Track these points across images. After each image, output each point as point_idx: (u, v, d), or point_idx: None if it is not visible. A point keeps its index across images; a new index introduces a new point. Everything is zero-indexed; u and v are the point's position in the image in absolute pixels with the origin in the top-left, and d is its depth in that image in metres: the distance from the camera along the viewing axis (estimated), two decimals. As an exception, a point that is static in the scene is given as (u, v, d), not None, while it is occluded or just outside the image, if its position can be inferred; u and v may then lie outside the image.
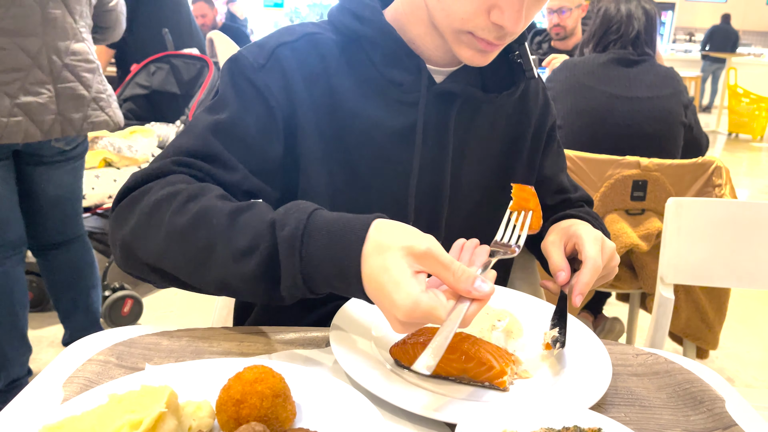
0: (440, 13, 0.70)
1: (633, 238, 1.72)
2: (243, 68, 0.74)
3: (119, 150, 2.34)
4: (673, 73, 1.90)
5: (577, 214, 0.89)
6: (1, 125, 1.54)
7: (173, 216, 0.62)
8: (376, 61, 0.76)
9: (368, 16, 0.75)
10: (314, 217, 0.58)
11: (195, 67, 2.82)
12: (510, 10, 0.66)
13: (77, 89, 1.68)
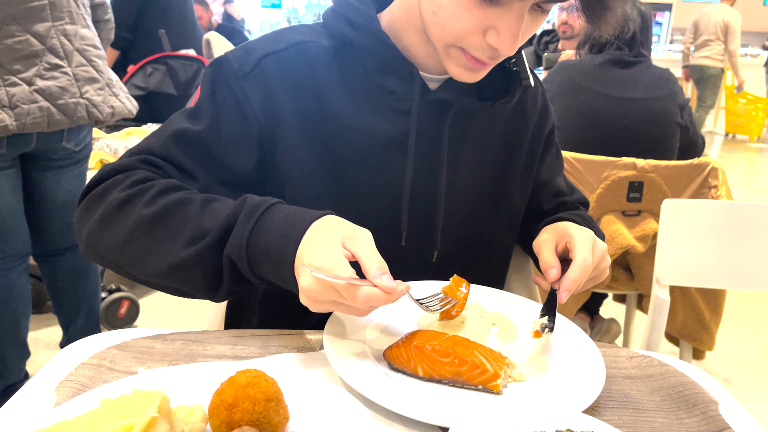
0: (434, 27, 0.69)
1: (629, 240, 1.73)
2: (226, 74, 0.74)
3: (115, 151, 2.34)
4: (669, 74, 1.90)
5: (570, 217, 0.89)
6: (23, 112, 1.50)
7: (142, 208, 0.66)
8: (369, 69, 0.75)
9: (361, 22, 0.73)
10: (281, 204, 0.66)
11: (191, 68, 2.82)
12: (507, 33, 0.65)
13: (91, 72, 1.66)
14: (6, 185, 1.62)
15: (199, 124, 0.73)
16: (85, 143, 1.79)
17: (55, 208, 1.80)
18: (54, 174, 1.74)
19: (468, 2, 0.64)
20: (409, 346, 0.62)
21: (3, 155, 1.57)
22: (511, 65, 0.80)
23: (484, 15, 0.65)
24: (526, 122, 0.87)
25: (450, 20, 0.66)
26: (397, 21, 0.76)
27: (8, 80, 1.50)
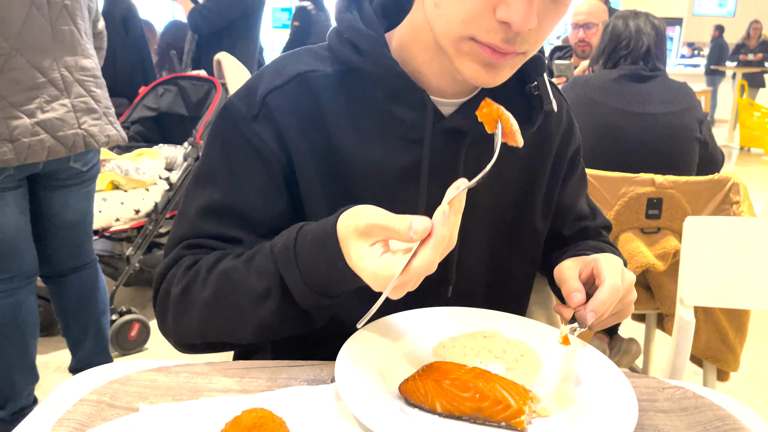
0: (440, 21, 0.63)
1: (649, 258, 1.68)
2: (236, 121, 0.71)
3: (126, 172, 2.33)
4: (687, 87, 1.87)
5: (595, 246, 0.85)
6: (24, 146, 1.52)
7: (199, 292, 0.66)
8: (378, 97, 0.70)
9: (367, 48, 0.69)
10: (301, 230, 0.62)
11: (203, 89, 2.82)
12: (518, 3, 0.58)
13: (90, 103, 1.67)
14: (13, 205, 1.61)
15: (219, 189, 0.71)
16: (93, 163, 1.78)
17: (63, 227, 1.79)
18: (62, 194, 1.74)
19: None
20: (426, 380, 0.58)
21: (10, 176, 1.56)
22: (532, 89, 0.74)
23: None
24: (549, 145, 0.82)
25: (454, 5, 0.61)
26: (406, 40, 0.72)
27: (10, 113, 1.50)
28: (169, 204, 2.44)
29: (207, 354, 0.76)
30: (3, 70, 1.49)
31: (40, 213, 1.74)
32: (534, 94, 0.74)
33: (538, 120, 0.75)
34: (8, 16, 1.48)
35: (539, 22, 0.60)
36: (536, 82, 0.74)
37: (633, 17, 1.89)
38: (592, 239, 0.92)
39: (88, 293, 1.91)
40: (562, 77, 2.53)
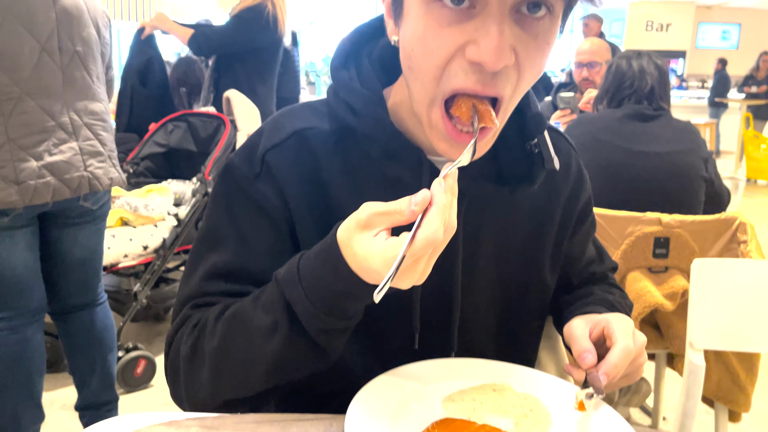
0: (415, 84, 0.61)
1: (657, 298, 1.67)
2: (238, 181, 0.71)
3: (136, 209, 2.35)
4: (691, 127, 1.89)
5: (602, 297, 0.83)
6: (29, 188, 1.54)
7: (209, 343, 0.66)
8: (373, 156, 0.69)
9: (362, 108, 0.68)
10: (305, 253, 0.62)
11: (212, 125, 2.86)
12: (486, 39, 0.55)
13: (96, 146, 1.70)
14: (22, 243, 1.63)
15: (225, 251, 0.71)
16: (104, 201, 1.81)
17: (72, 265, 1.80)
18: (71, 231, 1.76)
19: (436, 23, 0.57)
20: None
21: (20, 215, 1.59)
22: (532, 147, 0.72)
23: (458, 31, 0.57)
24: (557, 197, 0.80)
25: (424, 60, 0.59)
26: (401, 98, 0.71)
27: (18, 156, 1.53)
28: (177, 240, 2.46)
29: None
30: (13, 113, 1.52)
31: (49, 250, 1.75)
32: (534, 151, 0.72)
33: (539, 178, 0.73)
34: (19, 61, 1.52)
35: (521, 61, 0.58)
36: (536, 139, 0.72)
37: (636, 57, 1.92)
38: (599, 283, 0.91)
39: (96, 331, 1.91)
40: (566, 109, 2.56)
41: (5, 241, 1.59)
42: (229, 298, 0.70)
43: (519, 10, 0.56)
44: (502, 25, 0.55)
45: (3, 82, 1.50)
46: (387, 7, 0.65)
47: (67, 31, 1.61)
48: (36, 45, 1.54)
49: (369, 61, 0.72)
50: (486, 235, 0.76)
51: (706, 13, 11.92)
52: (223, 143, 2.74)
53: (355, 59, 0.73)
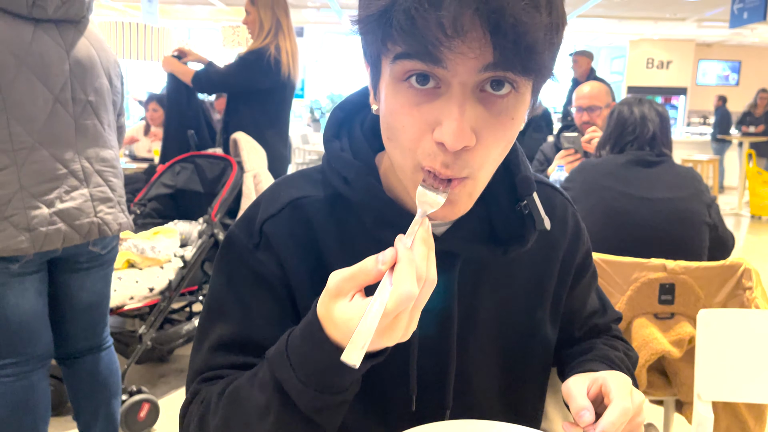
0: (395, 157, 0.63)
1: (664, 345, 1.67)
2: (239, 252, 0.73)
3: (142, 251, 2.37)
4: (693, 172, 1.90)
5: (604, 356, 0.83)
6: (41, 235, 1.57)
7: (212, 420, 0.67)
8: (366, 222, 0.71)
9: (353, 178, 0.70)
10: (293, 330, 0.63)
11: (219, 167, 2.90)
12: (448, 120, 0.56)
13: (106, 192, 1.73)
14: (31, 289, 1.64)
15: (229, 322, 0.72)
16: (112, 246, 1.83)
17: (80, 309, 1.81)
18: (80, 276, 1.77)
19: (407, 102, 0.59)
20: None
21: (30, 261, 1.60)
22: (522, 208, 0.73)
23: (427, 111, 0.58)
24: (555, 252, 0.81)
25: (399, 134, 0.60)
26: (389, 164, 0.72)
27: (30, 203, 1.55)
28: (183, 281, 2.47)
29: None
30: (26, 162, 1.55)
31: (57, 295, 1.76)
32: (525, 212, 0.73)
33: (530, 239, 0.73)
34: (33, 112, 1.55)
35: (484, 138, 0.59)
36: (526, 201, 0.72)
37: (637, 104, 1.95)
38: (602, 335, 0.91)
39: (101, 376, 1.91)
40: (570, 149, 2.58)
41: (15, 288, 1.60)
42: (235, 371, 0.71)
43: (483, 88, 0.58)
44: (463, 106, 0.56)
45: (17, 132, 1.53)
46: (369, 81, 0.68)
47: (81, 81, 1.65)
48: (50, 96, 1.58)
49: (361, 130, 0.74)
50: (485, 294, 0.76)
51: (706, 51, 12.10)
52: (230, 184, 2.77)
53: (347, 128, 0.75)
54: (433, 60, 0.55)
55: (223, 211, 2.70)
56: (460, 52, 0.54)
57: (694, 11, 9.17)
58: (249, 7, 2.95)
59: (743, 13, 7.05)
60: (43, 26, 1.58)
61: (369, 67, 0.65)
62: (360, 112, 0.76)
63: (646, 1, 8.66)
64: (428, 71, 0.57)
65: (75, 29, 1.66)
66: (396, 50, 0.57)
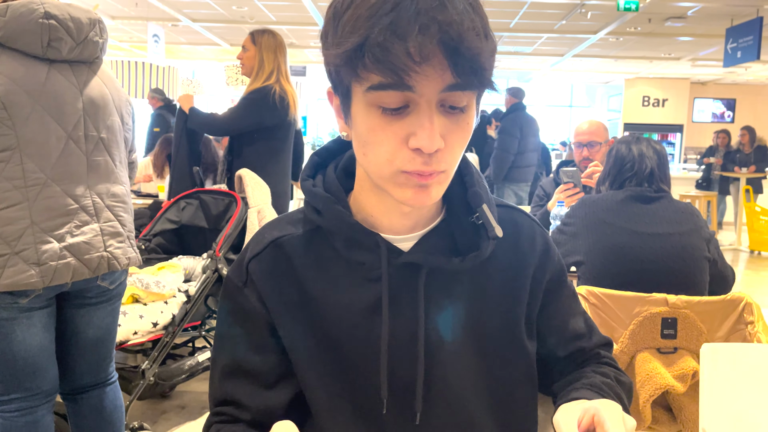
0: (372, 168, 0.72)
1: (668, 379, 1.67)
2: (231, 291, 0.84)
3: (147, 286, 2.38)
4: (692, 208, 1.94)
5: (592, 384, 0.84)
6: (50, 270, 1.59)
7: None
8: (338, 247, 0.80)
9: (323, 208, 0.79)
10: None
11: (223, 203, 2.93)
12: (421, 131, 0.67)
13: (116, 227, 1.76)
14: (39, 324, 1.65)
15: (228, 352, 0.84)
16: (121, 281, 1.84)
17: (86, 345, 1.82)
18: (87, 311, 1.78)
19: (381, 122, 0.69)
20: None
21: (39, 296, 1.61)
22: (476, 219, 0.81)
23: (400, 127, 0.68)
24: (527, 268, 0.86)
25: (376, 149, 0.70)
26: (358, 191, 0.82)
27: (41, 239, 1.58)
28: (186, 316, 2.47)
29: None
30: (38, 198, 1.58)
31: (65, 330, 1.77)
32: (478, 223, 0.80)
33: (484, 248, 0.80)
34: (46, 149, 1.59)
35: (447, 143, 0.70)
36: (477, 212, 0.80)
37: (635, 142, 1.99)
38: (591, 361, 0.92)
39: (106, 411, 1.90)
40: (569, 183, 2.63)
41: (22, 323, 1.61)
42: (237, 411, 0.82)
43: (444, 105, 0.69)
44: (431, 118, 0.67)
45: (29, 169, 1.56)
46: (335, 108, 0.77)
47: (93, 119, 1.69)
48: (63, 134, 1.62)
49: (335, 172, 0.84)
50: (456, 305, 0.81)
51: (701, 89, 12.31)
52: (234, 220, 2.80)
53: (323, 171, 0.86)
54: (404, 87, 0.65)
55: (227, 247, 2.72)
56: (426, 75, 0.64)
57: (688, 51, 9.37)
58: (248, 45, 3.05)
59: (737, 53, 7.22)
60: (57, 66, 1.63)
61: (337, 98, 0.74)
62: (335, 157, 0.87)
63: (640, 41, 8.86)
64: (400, 101, 0.67)
65: (89, 69, 1.71)
66: (370, 81, 0.66)
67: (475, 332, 0.82)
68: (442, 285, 0.81)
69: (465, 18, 0.63)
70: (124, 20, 8.45)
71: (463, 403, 0.82)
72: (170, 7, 7.71)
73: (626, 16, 7.25)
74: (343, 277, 0.80)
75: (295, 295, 0.80)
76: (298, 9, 7.60)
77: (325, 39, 0.70)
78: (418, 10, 0.62)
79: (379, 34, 0.62)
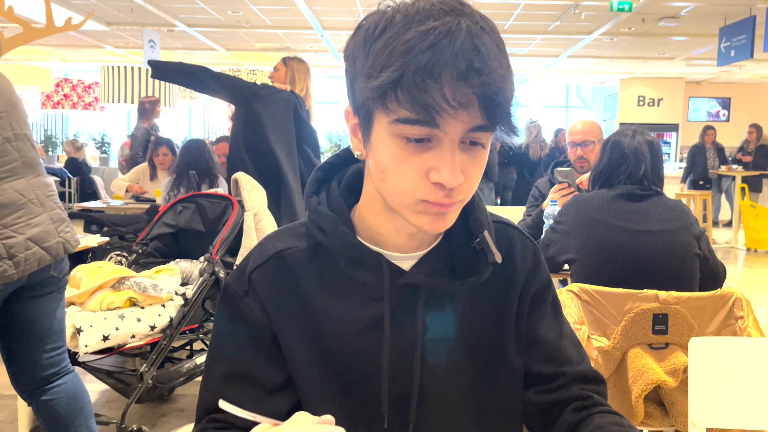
0: (388, 193, 0.73)
1: (659, 374, 1.69)
2: (232, 300, 0.84)
3: (144, 289, 2.40)
4: (682, 205, 1.96)
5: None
6: (21, 261, 1.70)
7: None
8: (341, 266, 0.81)
9: (328, 228, 0.81)
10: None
11: (220, 206, 2.95)
12: (444, 167, 0.68)
13: (60, 214, 1.88)
14: None
15: (227, 358, 0.84)
16: (66, 269, 1.94)
17: (43, 336, 1.88)
18: (41, 302, 1.86)
19: (403, 153, 0.70)
20: None
21: None
22: (476, 245, 0.82)
23: (422, 161, 0.69)
24: (515, 283, 0.88)
25: (396, 178, 0.71)
26: (364, 209, 0.82)
27: (4, 234, 1.70)
28: (184, 319, 2.49)
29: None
30: None
31: (21, 325, 1.83)
32: (479, 249, 0.82)
33: (483, 273, 0.82)
34: None
35: (466, 176, 0.71)
36: (479, 238, 0.82)
37: (630, 137, 2.00)
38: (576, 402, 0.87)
39: (74, 399, 1.94)
40: (564, 182, 2.65)
41: None
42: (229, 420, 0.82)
43: (464, 142, 0.71)
44: (453, 156, 0.69)
45: None
46: (352, 127, 0.78)
47: (15, 119, 1.80)
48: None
49: (338, 188, 0.85)
50: (451, 324, 0.83)
51: (696, 89, 12.35)
52: (231, 223, 2.82)
53: (327, 186, 0.86)
54: (432, 125, 0.66)
55: (224, 250, 2.74)
56: (456, 118, 0.66)
57: (682, 50, 9.41)
58: (280, 66, 3.48)
59: (730, 51, 7.25)
60: None
61: (356, 118, 0.75)
62: (338, 173, 0.89)
63: (634, 42, 8.90)
64: (426, 134, 0.68)
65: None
66: (398, 114, 0.67)
67: (467, 349, 0.84)
68: (438, 303, 0.83)
69: (497, 65, 0.65)
70: (120, 26, 8.47)
71: (454, 415, 0.84)
72: (166, 12, 7.73)
73: (620, 16, 7.28)
74: (345, 293, 0.81)
75: (297, 307, 0.82)
76: (293, 13, 7.62)
77: (353, 61, 0.71)
78: (455, 53, 0.63)
79: (416, 74, 0.63)
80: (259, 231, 2.92)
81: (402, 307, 0.81)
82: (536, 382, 0.89)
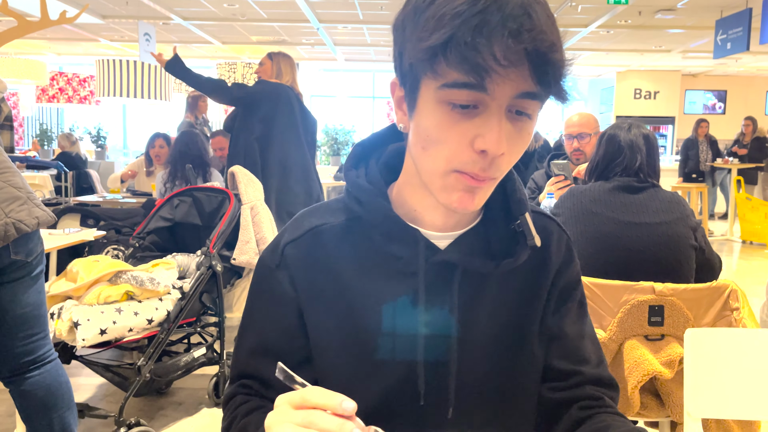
0: (427, 161, 0.72)
1: (655, 365, 1.70)
2: (264, 272, 0.85)
3: (142, 283, 2.40)
4: (678, 197, 1.96)
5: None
6: None
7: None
8: (376, 239, 0.80)
9: (365, 199, 0.80)
10: None
11: (216, 200, 2.95)
12: (490, 134, 0.68)
13: (11, 192, 1.75)
14: None
15: (256, 331, 0.85)
16: (37, 253, 1.84)
17: (15, 324, 1.81)
18: (10, 288, 1.78)
19: (449, 120, 0.69)
20: None
21: None
22: (516, 227, 0.81)
23: (467, 128, 0.68)
24: (547, 273, 0.86)
25: (439, 145, 0.70)
26: (402, 186, 0.82)
27: None
28: (181, 312, 2.49)
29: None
30: None
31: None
32: (518, 230, 0.81)
33: (521, 255, 0.80)
34: None
35: (509, 150, 0.70)
36: (519, 220, 0.81)
37: (626, 130, 2.01)
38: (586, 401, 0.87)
39: (51, 389, 1.90)
40: (560, 175, 2.65)
41: None
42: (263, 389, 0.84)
43: (511, 111, 0.69)
44: (500, 122, 0.68)
45: None
46: (397, 100, 0.78)
47: None
48: None
49: (377, 164, 0.85)
50: (482, 305, 0.82)
51: (692, 81, 12.36)
52: (228, 216, 2.82)
53: (365, 162, 0.86)
54: (480, 88, 0.65)
55: (220, 243, 2.74)
56: (506, 79, 0.65)
57: (678, 43, 9.41)
58: (265, 61, 3.64)
59: (726, 44, 7.25)
60: None
61: (402, 89, 0.75)
62: (377, 150, 0.88)
63: (631, 34, 8.89)
64: (473, 100, 0.67)
65: None
66: (446, 78, 0.66)
67: (492, 331, 0.84)
68: (472, 284, 0.82)
69: (549, 30, 0.65)
70: (115, 19, 8.43)
71: (490, 394, 0.84)
72: (161, 5, 7.69)
73: (616, 9, 7.28)
74: (378, 269, 0.80)
75: (327, 283, 0.81)
76: (289, 6, 7.59)
77: (402, 31, 0.71)
78: (505, 16, 0.63)
79: (467, 33, 0.63)
80: (255, 225, 2.92)
81: (435, 285, 0.80)
82: (551, 377, 0.88)
